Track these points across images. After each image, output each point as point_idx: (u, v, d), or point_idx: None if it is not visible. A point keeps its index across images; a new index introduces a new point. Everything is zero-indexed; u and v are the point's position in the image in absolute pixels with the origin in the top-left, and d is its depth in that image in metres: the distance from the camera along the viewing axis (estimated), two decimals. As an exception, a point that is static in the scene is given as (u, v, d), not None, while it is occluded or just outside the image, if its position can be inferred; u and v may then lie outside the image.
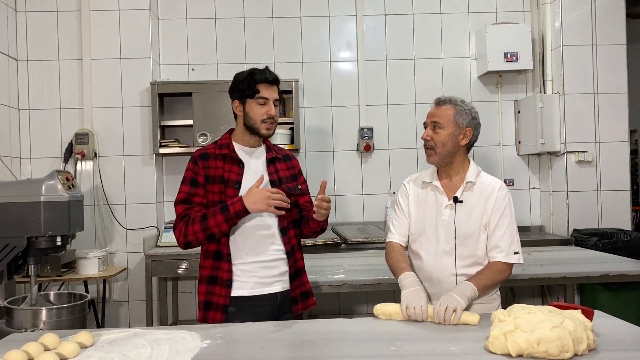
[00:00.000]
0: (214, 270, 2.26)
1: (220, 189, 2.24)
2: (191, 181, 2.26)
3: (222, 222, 2.14)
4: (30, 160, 4.26)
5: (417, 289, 2.06)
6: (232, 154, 2.29)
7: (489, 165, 4.59)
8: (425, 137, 2.25)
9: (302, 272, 2.41)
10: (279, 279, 2.30)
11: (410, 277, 2.14)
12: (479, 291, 2.08)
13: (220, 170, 2.27)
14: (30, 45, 4.27)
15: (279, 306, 2.29)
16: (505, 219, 2.21)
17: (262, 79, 2.27)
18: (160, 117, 4.29)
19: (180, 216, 2.23)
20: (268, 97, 2.28)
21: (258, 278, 2.25)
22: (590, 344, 1.61)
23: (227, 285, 2.23)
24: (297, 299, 2.35)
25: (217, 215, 2.14)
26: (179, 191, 2.28)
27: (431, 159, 2.26)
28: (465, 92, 4.60)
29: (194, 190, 2.25)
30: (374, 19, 4.65)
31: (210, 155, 2.29)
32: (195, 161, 2.29)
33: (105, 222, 4.27)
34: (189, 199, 2.24)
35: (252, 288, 2.25)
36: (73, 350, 1.64)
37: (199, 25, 4.57)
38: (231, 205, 2.14)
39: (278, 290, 2.29)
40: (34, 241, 2.95)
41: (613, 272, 2.98)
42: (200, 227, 2.16)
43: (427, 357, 1.61)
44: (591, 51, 4.29)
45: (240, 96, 2.29)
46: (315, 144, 4.60)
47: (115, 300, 4.30)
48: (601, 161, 4.28)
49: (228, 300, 2.22)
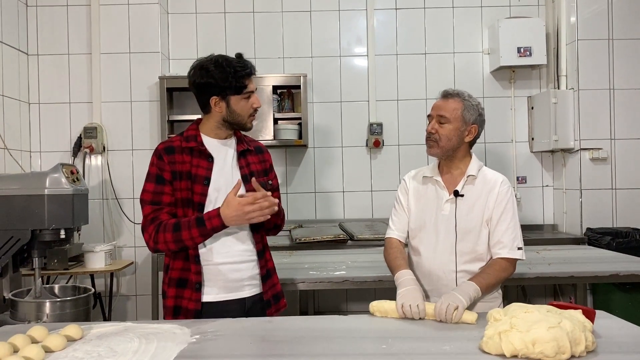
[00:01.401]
0: (183, 272, 2.11)
1: (188, 185, 2.08)
2: (156, 178, 2.10)
3: (197, 237, 2.01)
4: (40, 154, 4.29)
5: (413, 288, 2.01)
6: (200, 147, 2.13)
7: (501, 162, 4.51)
8: (431, 129, 2.19)
9: (273, 273, 2.28)
10: (248, 283, 2.16)
11: (407, 275, 2.09)
12: (483, 291, 2.02)
13: (188, 165, 2.10)
14: (40, 39, 4.30)
15: (248, 312, 2.14)
16: (508, 214, 2.16)
17: (246, 72, 2.11)
18: (169, 111, 4.28)
19: (149, 218, 2.07)
20: (253, 89, 2.15)
21: (224, 282, 2.11)
22: (588, 346, 1.55)
23: (197, 289, 2.08)
24: (270, 301, 2.22)
25: (193, 229, 2.00)
26: (143, 189, 2.12)
27: (432, 150, 2.20)
28: (478, 88, 4.52)
29: (160, 188, 2.09)
30: (384, 13, 4.59)
31: (176, 149, 2.12)
32: (159, 155, 2.11)
33: (113, 216, 4.29)
34: (156, 200, 2.08)
35: (217, 293, 2.11)
36: (59, 343, 1.62)
37: (208, 20, 4.55)
38: (208, 220, 1.99)
39: (246, 296, 2.16)
40: (38, 234, 2.97)
41: (624, 272, 2.89)
42: (172, 237, 2.02)
43: (418, 356, 1.56)
44: (607, 46, 4.18)
45: (219, 92, 2.10)
46: (324, 139, 4.56)
47: (122, 294, 4.32)
48: (616, 159, 4.18)
49: (199, 305, 2.08)
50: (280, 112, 4.35)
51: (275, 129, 4.23)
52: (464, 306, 1.91)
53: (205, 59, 2.14)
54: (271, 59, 4.53)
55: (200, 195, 2.09)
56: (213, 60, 2.12)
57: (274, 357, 1.62)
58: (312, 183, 4.56)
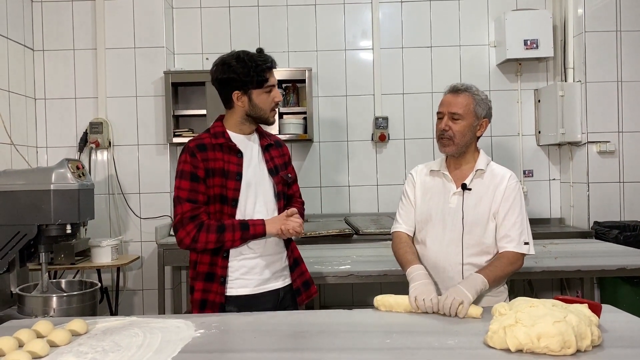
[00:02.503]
0: (211, 266, 2.16)
1: (222, 182, 2.12)
2: (191, 176, 2.11)
3: (238, 239, 2.10)
4: (46, 149, 4.31)
5: (426, 282, 2.01)
6: (229, 143, 2.17)
7: (508, 156, 4.48)
8: (444, 127, 2.16)
9: (300, 262, 2.35)
10: (280, 274, 2.25)
11: (419, 270, 2.09)
12: (490, 283, 2.01)
13: (220, 162, 2.14)
14: (45, 35, 4.31)
15: (281, 302, 2.23)
16: (515, 208, 2.15)
17: (267, 66, 2.13)
18: (174, 106, 4.29)
19: (188, 216, 2.09)
20: (274, 83, 2.18)
21: (259, 275, 2.18)
22: (594, 340, 1.54)
23: (221, 283, 2.14)
24: (300, 289, 2.30)
25: (237, 232, 2.09)
26: (178, 187, 2.13)
27: (448, 149, 2.18)
28: (484, 81, 4.49)
29: (196, 186, 2.11)
30: (389, 5, 4.57)
31: (208, 146, 2.15)
32: (192, 153, 2.12)
33: (119, 211, 4.30)
34: (193, 197, 2.10)
35: (255, 286, 2.18)
36: (64, 337, 1.63)
37: (213, 14, 4.54)
38: (252, 226, 2.10)
39: (280, 286, 2.24)
40: (44, 229, 2.99)
41: (631, 266, 2.87)
42: (215, 237, 2.08)
43: (423, 350, 1.56)
44: (615, 38, 4.14)
45: (241, 86, 2.12)
46: (329, 133, 4.55)
47: (129, 288, 4.34)
48: (624, 152, 4.14)
49: (223, 299, 2.14)
50: (286, 107, 4.34)
51: (281, 124, 4.23)
52: (470, 301, 1.90)
53: (226, 55, 2.18)
54: (276, 52, 4.41)
55: (234, 190, 2.14)
56: (234, 55, 2.15)
57: (278, 351, 1.62)
58: (317, 177, 4.55)
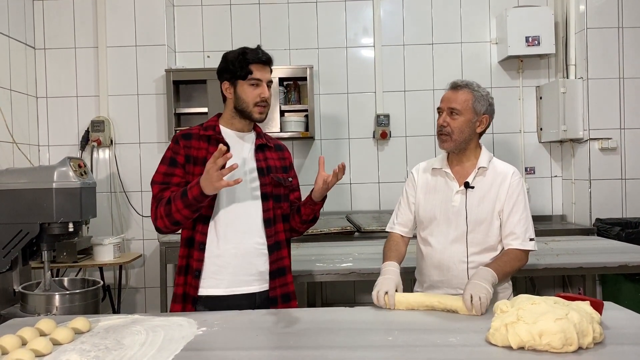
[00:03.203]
0: (187, 259, 2.11)
1: (202, 171, 1.98)
2: (170, 161, 2.11)
3: (182, 208, 1.97)
4: (48, 147, 4.32)
5: (389, 277, 2.03)
6: (218, 135, 2.14)
7: (510, 153, 4.48)
8: (442, 122, 2.17)
9: (287, 272, 2.21)
10: (257, 278, 2.13)
11: (389, 266, 2.11)
12: (498, 277, 2.01)
13: (204, 151, 2.11)
14: (47, 33, 4.31)
15: (258, 308, 2.09)
16: (520, 205, 2.16)
17: (254, 59, 2.11)
18: (176, 104, 4.29)
19: (156, 197, 2.08)
20: (261, 78, 2.12)
21: (233, 275, 2.09)
22: (596, 337, 1.54)
23: (196, 276, 2.07)
24: (277, 299, 2.15)
25: (177, 200, 1.97)
26: (156, 171, 2.13)
27: (446, 145, 2.18)
28: (486, 78, 4.48)
29: (172, 170, 2.10)
30: (391, 3, 4.56)
31: (194, 136, 2.15)
32: (176, 140, 2.14)
33: (121, 209, 4.31)
34: (166, 180, 2.09)
35: (226, 287, 2.09)
36: (67, 335, 1.63)
37: (214, 12, 4.54)
38: (189, 189, 1.95)
39: (255, 291, 2.13)
40: (47, 227, 3.00)
41: (633, 263, 2.86)
42: (164, 210, 2.01)
43: (424, 348, 1.56)
44: (617, 34, 4.12)
45: (230, 77, 2.13)
46: (331, 131, 4.54)
47: (132, 286, 4.34)
48: (626, 148, 4.13)
49: (196, 292, 2.07)
50: (287, 104, 4.34)
51: (282, 121, 4.22)
52: (491, 295, 1.90)
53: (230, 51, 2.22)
54: (277, 50, 4.49)
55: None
56: (234, 50, 2.18)
57: (280, 349, 1.62)
58: (319, 175, 4.53)
